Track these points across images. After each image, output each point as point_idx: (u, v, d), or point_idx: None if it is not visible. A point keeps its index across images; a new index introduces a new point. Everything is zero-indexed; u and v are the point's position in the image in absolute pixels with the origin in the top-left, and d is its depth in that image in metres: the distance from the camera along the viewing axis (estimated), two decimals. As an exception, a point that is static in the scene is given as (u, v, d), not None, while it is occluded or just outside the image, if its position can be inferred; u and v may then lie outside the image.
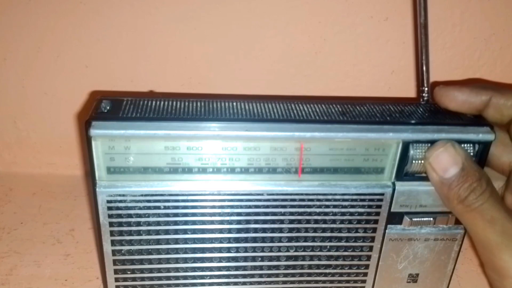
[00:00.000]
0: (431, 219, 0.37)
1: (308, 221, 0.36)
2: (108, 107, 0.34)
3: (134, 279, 0.38)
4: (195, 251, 0.37)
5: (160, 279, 0.38)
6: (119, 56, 0.52)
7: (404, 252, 0.38)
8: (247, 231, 0.36)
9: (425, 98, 0.40)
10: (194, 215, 0.36)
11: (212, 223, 0.36)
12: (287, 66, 0.53)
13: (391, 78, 0.53)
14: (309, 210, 0.36)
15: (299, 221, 0.36)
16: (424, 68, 0.40)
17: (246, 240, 0.37)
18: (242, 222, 0.36)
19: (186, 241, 0.36)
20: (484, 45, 0.52)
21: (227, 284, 0.39)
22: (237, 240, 0.37)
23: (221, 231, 0.36)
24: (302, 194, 0.35)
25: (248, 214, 0.36)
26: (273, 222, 0.36)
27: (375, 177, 0.36)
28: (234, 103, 0.36)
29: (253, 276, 0.38)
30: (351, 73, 0.53)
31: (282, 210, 0.36)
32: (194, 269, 0.38)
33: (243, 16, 0.50)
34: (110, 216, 0.35)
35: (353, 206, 0.36)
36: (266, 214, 0.36)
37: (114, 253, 0.36)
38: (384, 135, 0.34)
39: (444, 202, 0.35)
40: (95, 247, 0.47)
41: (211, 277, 0.38)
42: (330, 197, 0.36)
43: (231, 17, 0.50)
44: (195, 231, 0.36)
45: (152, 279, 0.38)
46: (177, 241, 0.36)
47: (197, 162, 0.34)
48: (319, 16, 0.50)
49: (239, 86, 0.54)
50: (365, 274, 0.39)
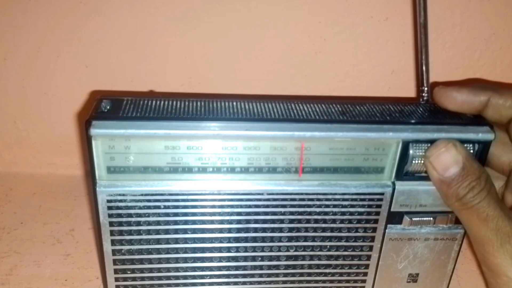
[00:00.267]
0: (431, 218, 0.37)
1: (308, 221, 0.37)
2: (108, 107, 0.34)
3: (134, 279, 0.38)
4: (195, 250, 0.37)
5: (160, 278, 0.38)
6: (119, 56, 0.52)
7: (404, 252, 0.38)
8: (247, 230, 0.36)
9: (425, 98, 0.40)
10: (194, 214, 0.36)
11: (212, 222, 0.36)
12: (287, 66, 0.53)
13: (391, 78, 0.53)
14: (309, 209, 0.36)
15: (299, 221, 0.36)
16: (424, 68, 0.40)
17: (246, 240, 0.37)
18: (242, 222, 0.36)
19: (186, 240, 0.36)
20: (484, 45, 0.52)
21: (227, 283, 0.39)
22: (237, 240, 0.37)
23: (221, 230, 0.36)
24: (302, 194, 0.35)
25: (248, 214, 0.36)
26: (273, 221, 0.36)
27: (375, 177, 0.36)
28: (234, 103, 0.36)
29: (253, 276, 0.38)
30: (351, 73, 0.53)
31: (282, 210, 0.36)
32: (194, 269, 0.38)
33: (243, 16, 0.50)
34: (110, 216, 0.35)
35: (353, 206, 0.36)
36: (266, 213, 0.36)
37: (114, 252, 0.36)
38: (384, 134, 0.34)
39: (443, 199, 0.35)
40: (95, 247, 0.47)
41: (211, 276, 0.38)
42: (330, 196, 0.36)
43: (231, 17, 0.50)
44: (195, 231, 0.36)
45: (152, 278, 0.38)
46: (177, 241, 0.36)
47: (197, 161, 0.34)
48: (319, 16, 0.50)
49: (239, 86, 0.54)
50: (365, 274, 0.39)
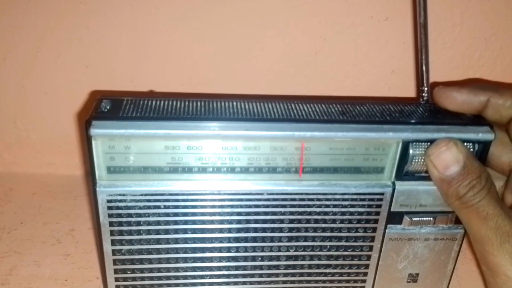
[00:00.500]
0: (431, 218, 0.37)
1: (308, 221, 0.37)
2: (108, 107, 0.34)
3: (134, 279, 0.38)
4: (195, 250, 0.37)
5: (160, 278, 0.38)
6: (119, 56, 0.52)
7: (404, 252, 0.38)
8: (247, 230, 0.36)
9: (425, 98, 0.40)
10: (194, 214, 0.36)
11: (212, 222, 0.36)
12: (287, 66, 0.53)
13: (391, 78, 0.53)
14: (309, 209, 0.36)
15: (299, 221, 0.36)
16: (424, 68, 0.40)
17: (246, 240, 0.37)
18: (242, 222, 0.36)
19: (186, 240, 0.36)
20: (484, 45, 0.52)
21: (227, 283, 0.39)
22: (237, 240, 0.37)
23: (221, 230, 0.36)
24: (302, 194, 0.35)
25: (248, 214, 0.36)
26: (273, 221, 0.36)
27: (375, 177, 0.36)
28: (234, 103, 0.36)
29: (253, 276, 0.38)
30: (351, 73, 0.53)
31: (282, 210, 0.36)
32: (194, 269, 0.38)
33: (243, 16, 0.50)
34: (110, 216, 0.35)
35: (353, 206, 0.36)
36: (266, 213, 0.36)
37: (114, 252, 0.36)
38: (384, 134, 0.34)
39: (443, 198, 0.35)
40: (95, 247, 0.47)
41: (211, 276, 0.38)
42: (330, 196, 0.36)
43: (231, 17, 0.50)
44: (195, 231, 0.36)
45: (152, 278, 0.38)
46: (177, 241, 0.36)
47: (197, 161, 0.34)
48: (319, 16, 0.50)
49: (239, 86, 0.54)
50: (365, 274, 0.39)
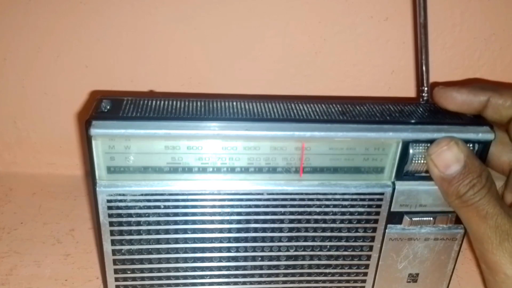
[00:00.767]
0: (431, 218, 0.37)
1: (308, 221, 0.37)
2: (108, 107, 0.34)
3: (134, 279, 0.38)
4: (195, 250, 0.37)
5: (160, 278, 0.38)
6: (119, 56, 0.52)
7: (404, 252, 0.38)
8: (247, 230, 0.36)
9: (425, 98, 0.40)
10: (194, 214, 0.36)
11: (212, 222, 0.36)
12: (287, 66, 0.53)
13: (391, 78, 0.53)
14: (309, 209, 0.36)
15: (299, 221, 0.36)
16: (424, 68, 0.40)
17: (246, 240, 0.37)
18: (242, 222, 0.36)
19: (186, 240, 0.36)
20: (484, 45, 0.52)
21: (227, 283, 0.39)
22: (237, 240, 0.37)
23: (221, 230, 0.36)
24: (302, 194, 0.35)
25: (248, 214, 0.36)
26: (273, 221, 0.36)
27: (375, 177, 0.36)
28: (234, 103, 0.36)
29: (253, 276, 0.38)
30: (351, 73, 0.53)
31: (282, 210, 0.36)
32: (194, 269, 0.38)
33: (243, 16, 0.50)
34: (110, 216, 0.35)
35: (353, 206, 0.36)
36: (266, 213, 0.36)
37: (114, 252, 0.36)
38: (384, 134, 0.34)
39: (443, 197, 0.35)
40: (95, 247, 0.47)
41: (211, 276, 0.38)
42: (330, 196, 0.36)
43: (231, 17, 0.50)
44: (195, 231, 0.36)
45: (152, 278, 0.38)
46: (177, 241, 0.36)
47: (197, 161, 0.34)
48: (319, 16, 0.50)
49: (239, 86, 0.54)
50: (365, 274, 0.39)
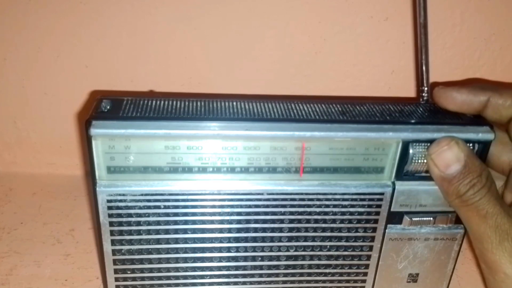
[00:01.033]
0: (431, 218, 0.37)
1: (308, 221, 0.37)
2: (108, 107, 0.34)
3: (134, 279, 0.38)
4: (195, 250, 0.37)
5: (160, 278, 0.38)
6: (119, 56, 0.52)
7: (404, 252, 0.38)
8: (247, 230, 0.36)
9: (425, 98, 0.40)
10: (194, 214, 0.36)
11: (212, 222, 0.36)
12: (287, 66, 0.53)
13: (391, 78, 0.53)
14: (309, 209, 0.36)
15: (299, 221, 0.36)
16: (424, 68, 0.40)
17: (246, 240, 0.37)
18: (242, 222, 0.36)
19: (186, 240, 0.36)
20: (484, 45, 0.52)
21: (227, 283, 0.39)
22: (237, 240, 0.37)
23: (221, 230, 0.36)
24: (302, 194, 0.35)
25: (248, 214, 0.36)
26: (273, 221, 0.36)
27: (375, 177, 0.36)
28: (234, 103, 0.36)
29: (253, 276, 0.38)
30: (351, 73, 0.53)
31: (282, 210, 0.36)
32: (194, 269, 0.38)
33: (243, 16, 0.50)
34: (110, 216, 0.35)
35: (353, 206, 0.36)
36: (266, 213, 0.36)
37: (114, 252, 0.36)
38: (384, 134, 0.34)
39: (443, 196, 0.35)
40: (95, 247, 0.47)
41: (211, 276, 0.38)
42: (330, 196, 0.36)
43: (231, 17, 0.50)
44: (195, 231, 0.36)
45: (152, 278, 0.38)
46: (177, 241, 0.36)
47: (197, 161, 0.34)
48: (319, 16, 0.50)
49: (239, 86, 0.54)
50: (365, 274, 0.39)
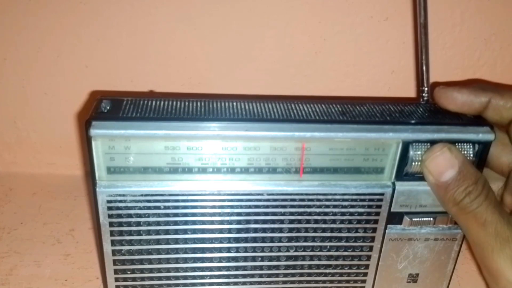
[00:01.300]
0: (431, 219, 0.37)
1: (308, 221, 0.37)
2: (108, 107, 0.34)
3: (134, 279, 0.38)
4: (195, 251, 0.37)
5: (160, 279, 0.38)
6: (119, 56, 0.52)
7: (404, 252, 0.38)
8: (247, 231, 0.36)
9: (425, 98, 0.40)
10: (194, 215, 0.36)
11: (212, 223, 0.36)
12: (287, 66, 0.53)
13: (391, 78, 0.53)
14: (309, 210, 0.36)
15: (299, 221, 0.36)
16: (424, 68, 0.40)
17: (246, 240, 0.37)
18: (242, 222, 0.36)
19: (186, 241, 0.36)
20: (484, 45, 0.52)
21: (227, 284, 0.39)
22: (237, 240, 0.37)
23: (221, 231, 0.36)
24: (302, 194, 0.35)
25: (248, 214, 0.36)
26: (273, 222, 0.36)
27: (375, 177, 0.36)
28: (234, 103, 0.36)
29: (253, 276, 0.38)
30: (351, 73, 0.53)
31: (282, 210, 0.36)
32: (194, 269, 0.38)
33: (243, 16, 0.50)
34: (110, 216, 0.35)
35: (353, 206, 0.36)
36: (266, 214, 0.36)
37: (114, 253, 0.36)
38: (384, 135, 0.34)
39: (441, 205, 0.35)
40: (95, 247, 0.47)
41: (211, 277, 0.38)
42: (330, 197, 0.36)
43: (231, 17, 0.50)
44: (195, 231, 0.36)
45: (152, 279, 0.38)
46: (177, 241, 0.36)
47: (197, 162, 0.34)
48: (319, 16, 0.50)
49: (239, 86, 0.54)
50: (365, 274, 0.39)
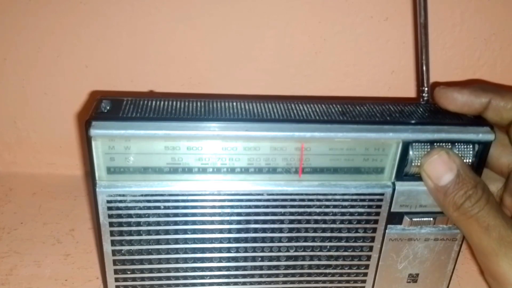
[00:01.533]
0: (431, 219, 0.37)
1: (308, 221, 0.37)
2: (108, 107, 0.34)
3: (134, 279, 0.38)
4: (195, 251, 0.37)
5: (160, 279, 0.38)
6: (119, 56, 0.52)
7: (404, 252, 0.38)
8: (247, 231, 0.36)
9: (425, 98, 0.40)
10: (194, 215, 0.36)
11: (212, 223, 0.36)
12: (287, 66, 0.53)
13: (391, 78, 0.53)
14: (309, 210, 0.36)
15: (299, 221, 0.36)
16: (424, 68, 0.40)
17: (246, 240, 0.37)
18: (242, 222, 0.36)
19: (186, 241, 0.36)
20: (484, 45, 0.52)
21: (227, 284, 0.39)
22: (237, 240, 0.37)
23: (221, 231, 0.36)
24: (302, 194, 0.35)
25: (248, 214, 0.36)
26: (273, 222, 0.36)
27: (375, 177, 0.36)
28: (234, 103, 0.36)
29: (253, 276, 0.38)
30: (351, 73, 0.53)
31: (282, 210, 0.36)
32: (194, 269, 0.38)
33: (243, 16, 0.50)
34: (110, 216, 0.35)
35: (353, 206, 0.36)
36: (266, 214, 0.36)
37: (114, 253, 0.36)
38: (384, 135, 0.34)
39: (442, 210, 0.35)
40: (95, 247, 0.47)
41: (211, 277, 0.38)
42: (330, 197, 0.36)
43: (231, 17, 0.50)
44: (195, 231, 0.36)
45: (152, 279, 0.38)
46: (177, 241, 0.36)
47: (197, 162, 0.34)
48: (319, 16, 0.50)
49: (239, 86, 0.54)
50: (365, 274, 0.39)
